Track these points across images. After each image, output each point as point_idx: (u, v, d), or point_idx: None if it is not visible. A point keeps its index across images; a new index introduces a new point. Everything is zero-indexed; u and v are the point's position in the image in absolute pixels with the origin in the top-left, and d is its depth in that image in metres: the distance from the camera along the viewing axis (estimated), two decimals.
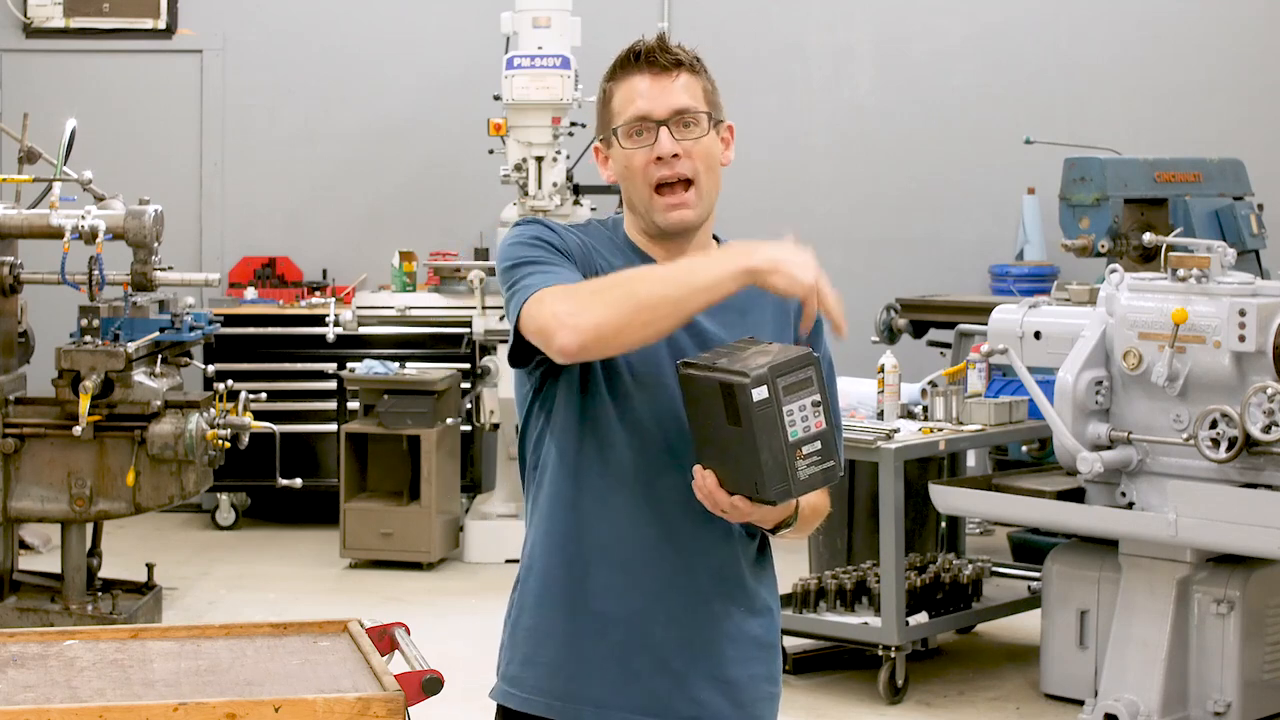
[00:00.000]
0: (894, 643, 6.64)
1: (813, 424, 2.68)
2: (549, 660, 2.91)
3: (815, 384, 2.68)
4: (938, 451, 6.88)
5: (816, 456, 2.68)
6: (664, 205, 2.87)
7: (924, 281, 9.98)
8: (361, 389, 9.13)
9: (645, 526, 2.86)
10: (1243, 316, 5.92)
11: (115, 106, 10.36)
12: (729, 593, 2.91)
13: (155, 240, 7.35)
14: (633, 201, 2.91)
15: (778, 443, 2.66)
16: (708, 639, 2.89)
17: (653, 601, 2.87)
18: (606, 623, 2.88)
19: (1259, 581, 6.27)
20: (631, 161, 2.86)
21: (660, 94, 2.86)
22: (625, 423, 2.85)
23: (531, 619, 2.94)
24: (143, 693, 2.74)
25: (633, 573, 2.87)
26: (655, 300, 2.69)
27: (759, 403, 2.65)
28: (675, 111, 2.86)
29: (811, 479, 2.69)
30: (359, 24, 10.55)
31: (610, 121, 2.90)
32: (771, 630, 2.98)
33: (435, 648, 3.18)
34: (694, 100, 2.87)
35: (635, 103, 2.86)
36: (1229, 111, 10.32)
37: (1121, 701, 6.16)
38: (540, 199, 9.08)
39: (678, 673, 2.88)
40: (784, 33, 10.59)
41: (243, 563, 9.02)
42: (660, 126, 2.85)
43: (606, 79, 2.93)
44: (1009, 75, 10.47)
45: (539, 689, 2.92)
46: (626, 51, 2.90)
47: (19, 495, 7.34)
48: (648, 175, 2.86)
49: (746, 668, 2.93)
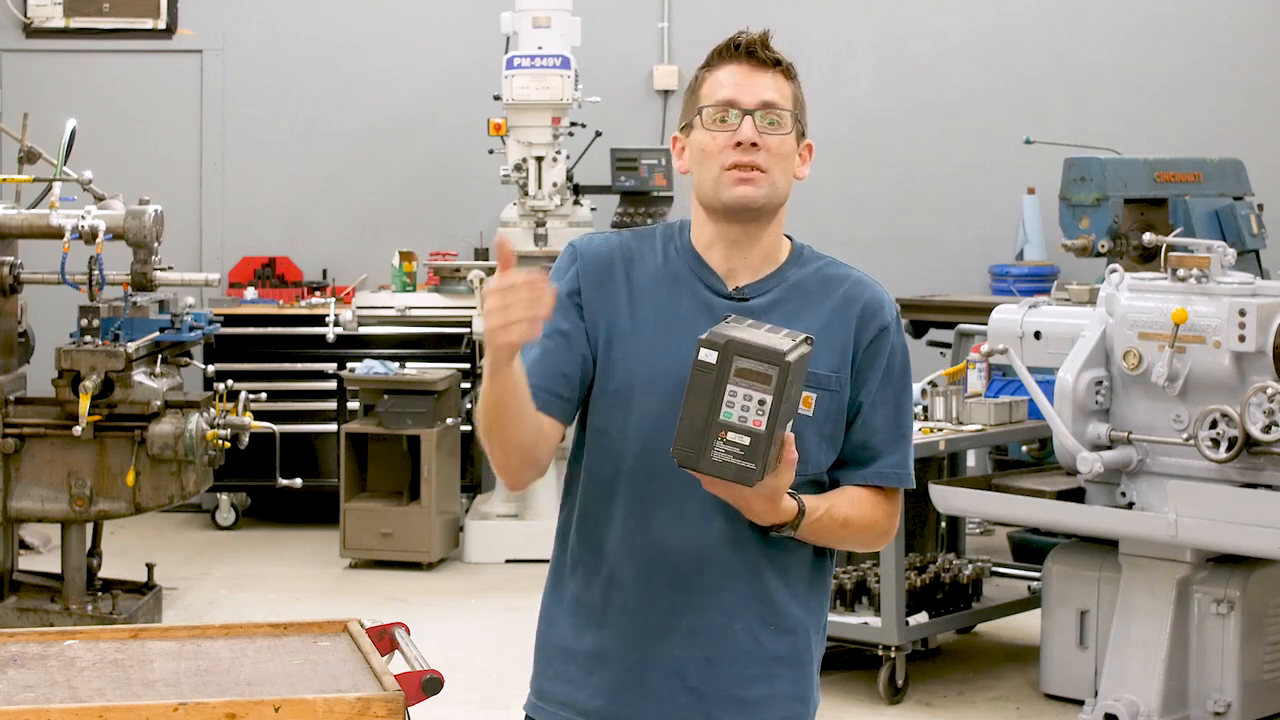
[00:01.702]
0: (894, 643, 6.64)
1: (751, 420, 2.62)
2: (574, 678, 2.91)
3: (773, 388, 2.62)
4: (938, 451, 6.88)
5: (739, 450, 2.63)
6: (732, 179, 2.82)
7: (924, 281, 9.98)
8: (361, 389, 9.13)
9: (664, 544, 2.84)
10: (1243, 316, 5.92)
11: (115, 106, 10.36)
12: (756, 611, 2.87)
13: (155, 240, 7.35)
14: (702, 184, 2.87)
15: (703, 410, 2.62)
16: (729, 657, 2.86)
17: (674, 620, 2.85)
18: (628, 640, 2.86)
19: (1259, 581, 6.27)
20: (711, 144, 2.84)
21: (752, 85, 2.85)
22: (642, 439, 2.83)
23: (559, 634, 2.94)
24: (143, 693, 2.74)
25: (652, 592, 2.85)
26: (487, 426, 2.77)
27: (702, 363, 2.63)
28: (763, 104, 2.84)
29: (722, 465, 2.63)
30: (359, 24, 10.55)
31: (696, 105, 2.88)
32: (802, 649, 2.93)
33: (435, 648, 3.17)
34: (783, 100, 2.86)
35: (724, 89, 2.85)
36: (1229, 111, 10.32)
37: (1121, 701, 6.16)
38: (540, 199, 9.08)
39: (697, 690, 2.86)
40: (784, 33, 10.44)
41: (243, 563, 9.02)
42: (746, 115, 2.83)
43: (702, 66, 2.91)
44: (1009, 75, 10.47)
45: (565, 704, 2.92)
46: (728, 41, 2.89)
47: (19, 495, 7.34)
48: (723, 158, 2.83)
49: (769, 686, 2.90)
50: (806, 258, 2.93)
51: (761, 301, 2.87)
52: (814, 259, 2.94)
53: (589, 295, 2.88)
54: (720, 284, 2.88)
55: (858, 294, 2.90)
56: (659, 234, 2.95)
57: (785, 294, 2.88)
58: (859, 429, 2.89)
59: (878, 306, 2.90)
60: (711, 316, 2.80)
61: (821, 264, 2.93)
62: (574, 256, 2.92)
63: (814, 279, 2.91)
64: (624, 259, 2.91)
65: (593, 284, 2.89)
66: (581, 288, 2.89)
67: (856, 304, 2.89)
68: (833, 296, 2.89)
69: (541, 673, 2.97)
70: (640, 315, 2.87)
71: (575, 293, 2.88)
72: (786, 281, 2.89)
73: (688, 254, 2.91)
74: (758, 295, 2.87)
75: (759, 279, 2.89)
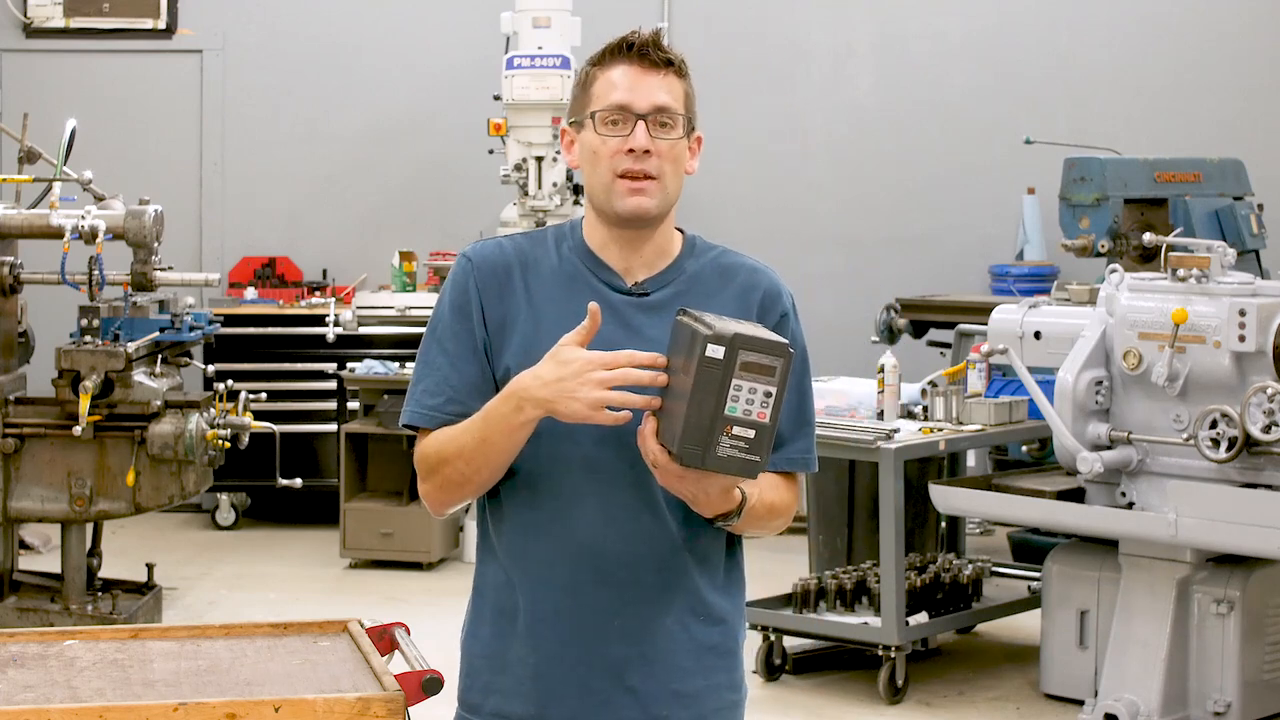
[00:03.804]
0: (894, 643, 6.64)
1: (756, 412, 2.63)
2: (504, 687, 2.90)
3: (777, 379, 2.63)
4: (938, 451, 6.88)
5: (744, 444, 2.63)
6: (625, 189, 2.84)
7: (924, 281, 9.98)
8: (361, 389, 9.13)
9: (593, 544, 2.84)
10: (1243, 316, 5.92)
11: (115, 106, 10.36)
12: (684, 604, 2.88)
13: (155, 240, 7.35)
14: (594, 188, 2.88)
15: (710, 406, 2.62)
16: (663, 652, 2.88)
17: (606, 619, 2.85)
18: (560, 644, 2.86)
19: (1259, 581, 6.27)
20: (602, 148, 2.85)
21: (644, 88, 2.85)
22: (558, 440, 2.82)
23: (487, 645, 2.93)
24: (143, 693, 2.74)
25: (583, 593, 2.85)
26: (465, 476, 2.82)
27: (709, 359, 2.62)
28: (656, 108, 2.85)
29: (728, 461, 2.64)
30: (359, 24, 10.55)
31: (587, 105, 2.88)
32: (730, 637, 2.96)
33: (435, 648, 3.17)
34: (675, 101, 2.87)
35: (617, 91, 2.85)
36: (1229, 111, 10.31)
37: (1121, 701, 6.16)
38: (540, 199, 9.08)
39: (636, 689, 2.87)
40: (784, 32, 10.58)
41: (243, 563, 9.02)
42: (638, 120, 2.84)
43: (592, 63, 2.91)
44: (1009, 75, 10.47)
45: (497, 715, 2.91)
46: (619, 41, 2.89)
47: (19, 495, 7.34)
48: (615, 163, 2.84)
49: (706, 677, 2.91)
50: (700, 249, 2.96)
51: (661, 295, 2.89)
52: (706, 249, 2.97)
53: (490, 304, 2.89)
54: (619, 280, 2.89)
55: (756, 281, 2.93)
56: (550, 235, 2.97)
57: (684, 286, 2.90)
58: None
59: (776, 294, 2.93)
60: (613, 313, 2.83)
61: (715, 253, 2.96)
62: (470, 266, 2.93)
63: (711, 269, 2.93)
64: (520, 263, 2.91)
65: (493, 292, 2.90)
66: (481, 298, 2.90)
67: (756, 291, 2.92)
68: (731, 285, 2.91)
69: (470, 686, 2.95)
70: (542, 317, 2.87)
71: (478, 304, 2.89)
72: (684, 274, 2.92)
73: (582, 252, 2.92)
74: (657, 289, 2.90)
75: (656, 273, 2.91)
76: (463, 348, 2.88)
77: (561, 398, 2.68)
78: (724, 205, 9.95)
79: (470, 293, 2.91)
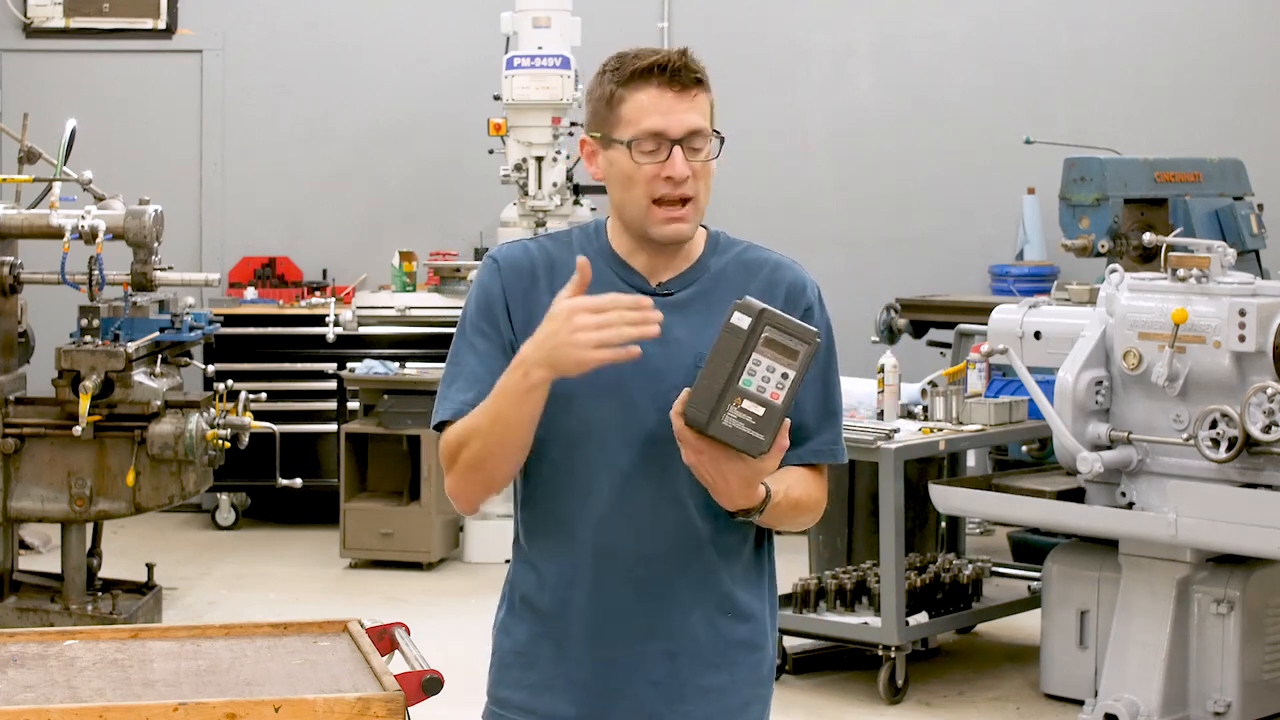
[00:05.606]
0: (894, 643, 6.64)
1: (770, 391, 2.64)
2: (533, 683, 2.92)
3: (799, 363, 2.64)
4: (938, 451, 6.88)
5: (751, 419, 2.63)
6: (662, 218, 2.85)
7: (924, 281, 9.98)
8: (361, 389, 9.13)
9: (619, 543, 2.86)
10: (1243, 316, 5.92)
11: (115, 106, 10.36)
12: (712, 600, 2.90)
13: (155, 240, 7.35)
14: (625, 208, 2.89)
15: (724, 372, 2.62)
16: (689, 649, 2.89)
17: (633, 616, 2.87)
18: (588, 642, 2.88)
19: (1259, 581, 6.27)
20: (637, 173, 2.84)
21: (679, 113, 2.84)
22: (587, 442, 2.85)
23: (515, 641, 2.96)
24: (143, 693, 2.74)
25: (610, 591, 2.87)
26: (482, 457, 2.82)
27: (733, 326, 2.63)
28: (690, 132, 2.84)
29: (732, 431, 2.64)
30: (359, 24, 10.55)
31: (616, 125, 2.86)
32: (759, 633, 2.97)
33: (435, 648, 3.17)
34: (705, 120, 2.86)
35: (650, 118, 2.83)
36: (1229, 111, 10.32)
37: (1121, 701, 6.16)
38: (540, 199, 9.08)
39: (660, 684, 2.89)
40: (784, 32, 10.58)
41: (243, 563, 9.02)
42: (674, 146, 2.83)
43: (619, 81, 2.86)
44: (1009, 75, 10.47)
45: (525, 709, 2.93)
46: (650, 62, 2.85)
47: (19, 495, 7.34)
48: (651, 189, 2.84)
49: (731, 673, 2.93)
50: (723, 245, 2.96)
51: (686, 294, 2.90)
52: (730, 245, 2.97)
53: (516, 306, 2.90)
54: (643, 281, 2.90)
55: (781, 277, 2.93)
56: (575, 237, 2.97)
57: (709, 284, 2.91)
58: (792, 410, 2.90)
59: (801, 288, 2.94)
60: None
61: (739, 249, 2.97)
62: (496, 268, 2.93)
63: (735, 265, 2.94)
64: (546, 265, 2.92)
65: (519, 293, 2.90)
66: (508, 299, 2.90)
67: (780, 287, 2.92)
68: (755, 281, 2.91)
69: (499, 680, 2.98)
70: None
71: (504, 305, 2.90)
72: (708, 272, 2.92)
73: (608, 255, 2.93)
74: (682, 289, 2.90)
75: (680, 273, 2.92)
76: (492, 347, 2.89)
77: (558, 349, 2.68)
78: (724, 205, 9.86)
79: (497, 294, 2.91)
